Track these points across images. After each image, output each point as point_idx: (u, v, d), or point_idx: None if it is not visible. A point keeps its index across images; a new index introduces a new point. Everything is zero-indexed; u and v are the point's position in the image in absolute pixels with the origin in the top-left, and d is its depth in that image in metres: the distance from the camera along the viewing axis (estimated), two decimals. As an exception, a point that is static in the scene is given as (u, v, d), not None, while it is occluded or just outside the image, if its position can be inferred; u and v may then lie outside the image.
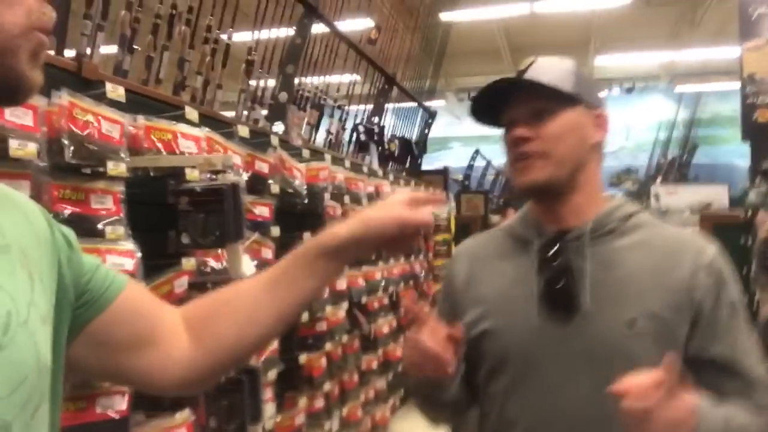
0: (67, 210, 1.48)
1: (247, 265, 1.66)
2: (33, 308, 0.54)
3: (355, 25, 4.54)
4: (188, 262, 1.79)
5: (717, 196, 7.23)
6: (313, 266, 0.77)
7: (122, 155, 1.61)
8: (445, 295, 1.19)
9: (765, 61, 3.35)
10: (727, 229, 3.71)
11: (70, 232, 0.68)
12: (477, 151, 10.12)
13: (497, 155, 11.81)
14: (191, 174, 1.76)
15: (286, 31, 3.27)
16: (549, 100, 1.00)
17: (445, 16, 7.32)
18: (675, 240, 1.03)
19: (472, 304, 1.09)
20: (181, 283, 1.77)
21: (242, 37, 2.97)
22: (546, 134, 1.00)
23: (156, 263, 1.83)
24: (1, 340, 0.49)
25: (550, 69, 1.03)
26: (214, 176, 1.64)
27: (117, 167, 1.55)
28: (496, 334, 1.05)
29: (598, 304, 0.98)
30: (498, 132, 1.11)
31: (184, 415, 1.67)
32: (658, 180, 10.10)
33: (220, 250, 1.79)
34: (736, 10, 3.82)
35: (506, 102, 1.04)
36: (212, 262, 1.93)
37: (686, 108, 12.28)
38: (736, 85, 3.62)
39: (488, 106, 1.07)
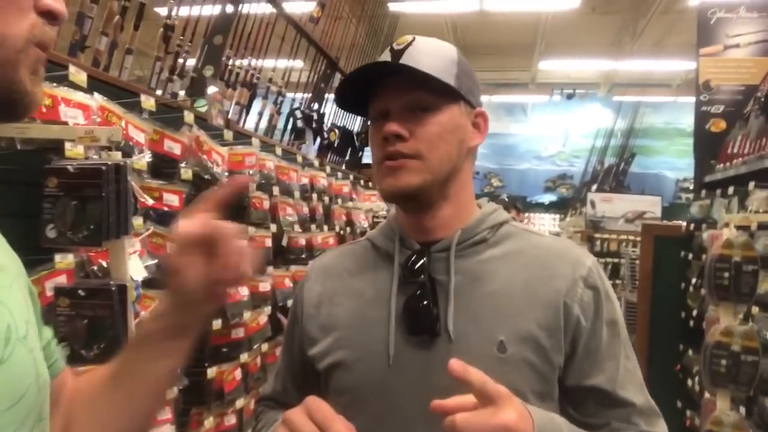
0: None
1: (136, 267, 1.33)
2: (30, 327, 0.56)
3: (297, 7, 4.19)
4: (64, 259, 1.43)
5: (651, 206, 7.33)
6: (154, 349, 0.69)
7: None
8: (293, 321, 1.03)
9: (721, 68, 3.26)
10: (668, 241, 3.65)
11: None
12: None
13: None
14: (72, 150, 1.40)
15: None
16: (428, 92, 0.88)
17: (393, 7, 7.07)
18: (549, 249, 0.93)
19: (323, 331, 0.95)
20: (54, 285, 1.41)
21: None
22: (423, 133, 0.88)
23: (27, 259, 1.48)
24: (2, 354, 0.50)
25: (431, 54, 0.89)
26: (96, 156, 1.29)
27: (-40, 134, 1.19)
28: (349, 366, 0.91)
29: (464, 324, 0.87)
30: None
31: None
32: (594, 187, 10.26)
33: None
34: (679, 21, 3.75)
35: (376, 89, 0.91)
36: (102, 262, 1.58)
37: (623, 117, 12.59)
38: (670, 98, 3.54)
39: (357, 91, 0.93)
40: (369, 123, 0.96)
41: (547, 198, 14.09)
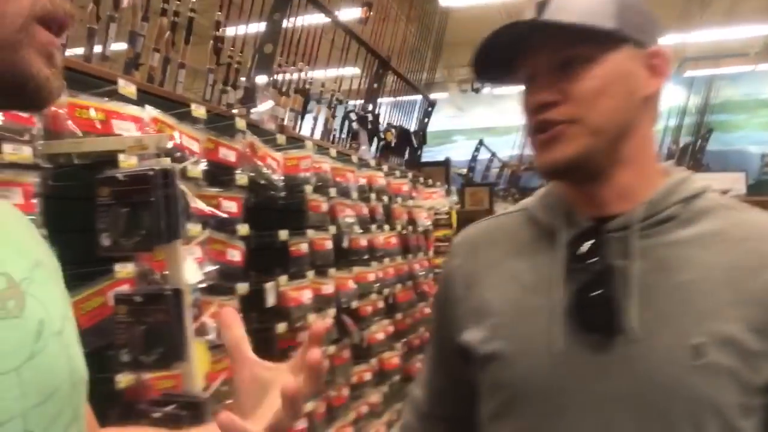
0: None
1: (192, 270, 1.34)
2: (68, 322, 0.54)
3: (346, 14, 4.20)
4: (123, 269, 1.46)
5: (734, 183, 6.87)
6: None
7: (32, 138, 1.30)
8: (440, 305, 0.92)
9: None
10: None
11: None
12: (481, 142, 9.79)
13: (502, 147, 11.51)
14: (125, 162, 1.44)
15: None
16: (581, 42, 0.73)
17: (443, 2, 6.98)
18: (760, 230, 0.74)
19: (474, 318, 0.82)
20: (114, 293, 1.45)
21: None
22: (578, 93, 0.73)
23: (88, 271, 1.53)
24: (33, 348, 0.48)
25: (581, 1, 0.74)
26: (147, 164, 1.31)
27: (19, 152, 1.23)
28: (506, 361, 0.77)
29: (650, 323, 0.71)
30: (504, 123, 0.82)
31: None
32: (671, 169, 9.73)
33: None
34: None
35: (523, 51, 0.76)
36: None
37: (696, 93, 11.92)
38: (749, 68, 3.26)
39: (499, 58, 0.78)
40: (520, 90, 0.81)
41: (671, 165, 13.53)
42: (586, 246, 0.75)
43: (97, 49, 1.98)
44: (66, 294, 0.58)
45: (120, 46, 2.06)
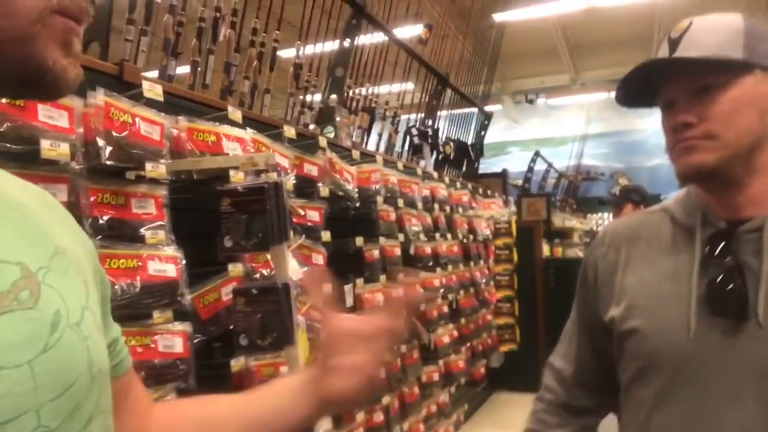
0: (107, 215, 1.42)
1: (294, 268, 1.56)
2: (88, 313, 0.51)
3: (406, 32, 4.43)
4: (235, 268, 1.71)
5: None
6: (298, 398, 0.70)
7: (163, 157, 1.55)
8: (584, 282, 1.04)
9: None
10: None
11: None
12: (537, 153, 9.80)
13: (556, 157, 11.46)
14: (235, 176, 1.68)
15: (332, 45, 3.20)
16: (715, 72, 0.83)
17: (498, 17, 7.13)
18: None
19: (618, 296, 0.94)
20: (229, 291, 1.69)
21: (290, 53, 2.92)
22: (713, 115, 0.83)
23: (202, 271, 1.77)
24: (48, 340, 0.45)
25: (710, 32, 0.85)
26: (256, 176, 1.55)
27: (156, 169, 1.49)
28: (645, 335, 0.90)
29: None
30: (559, 134, 0.95)
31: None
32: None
33: (268, 256, 1.70)
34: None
35: (661, 78, 0.88)
36: (262, 271, 1.85)
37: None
38: None
39: (638, 86, 0.91)
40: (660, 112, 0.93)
41: (683, 194, 13.13)
42: (720, 244, 0.85)
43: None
44: (91, 283, 0.55)
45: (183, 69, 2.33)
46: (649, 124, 13.58)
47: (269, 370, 1.77)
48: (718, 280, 0.84)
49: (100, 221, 1.39)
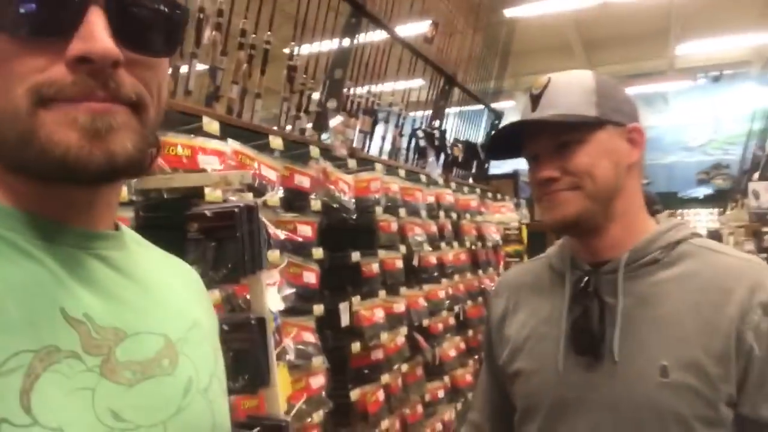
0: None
1: (274, 299, 1.40)
2: (215, 379, 0.58)
3: (411, 29, 4.25)
4: (212, 296, 1.56)
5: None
6: None
7: (129, 176, 1.40)
8: (486, 330, 1.15)
9: None
10: None
11: None
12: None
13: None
14: (211, 194, 1.53)
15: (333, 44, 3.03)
16: (572, 128, 0.92)
17: (509, 12, 6.92)
18: (728, 271, 0.89)
19: (505, 341, 1.05)
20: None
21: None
22: (574, 168, 0.92)
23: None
24: (180, 403, 0.52)
25: (566, 92, 0.94)
26: (230, 198, 1.40)
27: (118, 190, 1.34)
28: (526, 376, 1.00)
29: (629, 347, 0.89)
30: None
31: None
32: (755, 175, 9.16)
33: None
34: None
35: (524, 134, 0.97)
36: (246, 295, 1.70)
37: (784, 94, 11.18)
38: None
39: (506, 141, 1.02)
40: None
41: (702, 191, 12.83)
42: (585, 286, 0.94)
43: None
44: (218, 352, 0.63)
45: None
46: (663, 120, 13.29)
47: (252, 403, 1.63)
48: (580, 318, 0.93)
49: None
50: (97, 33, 0.46)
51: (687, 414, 0.83)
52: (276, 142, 1.95)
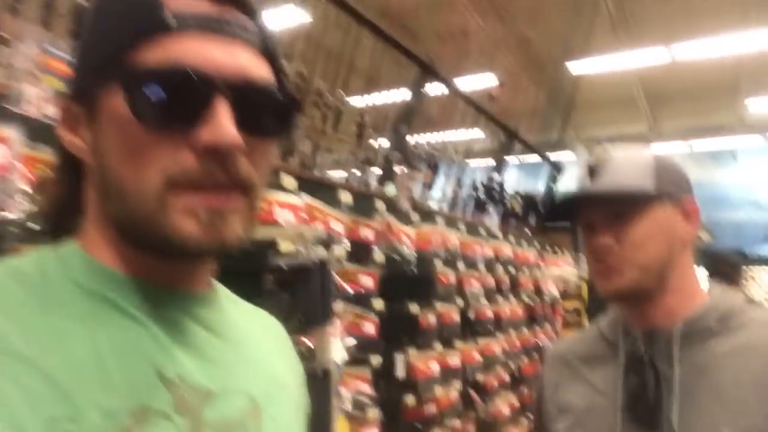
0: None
1: (337, 350, 1.48)
2: None
3: (477, 81, 4.38)
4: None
5: None
6: None
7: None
8: (537, 399, 1.16)
9: None
10: None
11: None
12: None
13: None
14: (284, 245, 1.64)
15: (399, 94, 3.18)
16: (628, 202, 0.95)
17: (573, 68, 6.97)
18: None
19: (560, 412, 1.06)
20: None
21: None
22: (629, 241, 0.94)
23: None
24: None
25: (626, 166, 0.97)
26: (303, 250, 1.50)
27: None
28: None
29: (688, 416, 0.90)
30: None
31: None
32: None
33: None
34: None
35: (581, 203, 1.00)
36: (308, 342, 1.78)
37: None
38: None
39: (563, 207, 1.05)
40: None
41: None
42: (639, 355, 0.95)
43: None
44: (300, 409, 0.64)
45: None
46: (731, 175, 12.83)
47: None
48: (636, 388, 0.94)
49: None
50: (224, 122, 0.49)
51: None
52: (345, 196, 2.06)
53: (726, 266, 3.51)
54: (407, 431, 2.36)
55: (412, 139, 3.31)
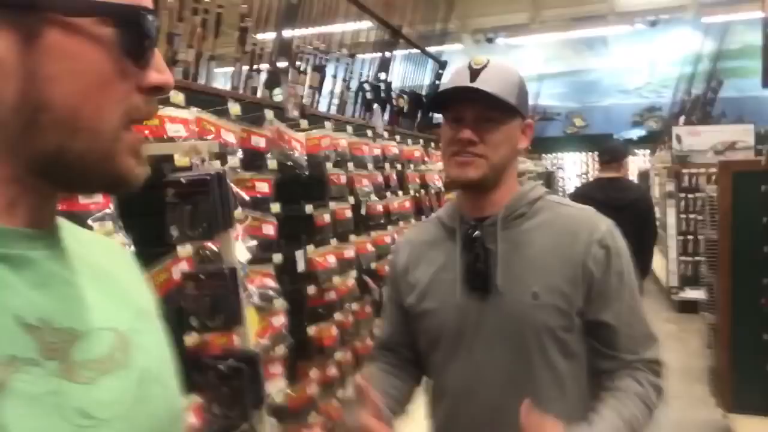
0: (54, 208, 1.46)
1: (241, 251, 1.64)
2: (165, 364, 0.60)
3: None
4: (184, 249, 1.78)
5: (742, 135, 6.96)
6: None
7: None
8: (390, 280, 1.37)
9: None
10: (747, 176, 3.59)
11: None
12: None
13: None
14: (180, 160, 1.73)
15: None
16: (496, 108, 1.13)
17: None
18: (573, 219, 1.19)
19: (411, 288, 1.27)
20: (179, 270, 1.77)
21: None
22: (490, 141, 1.13)
23: (154, 251, 1.84)
24: (136, 394, 0.53)
25: (500, 78, 1.14)
26: (199, 163, 1.60)
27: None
28: (431, 314, 1.22)
29: (508, 281, 1.15)
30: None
31: (192, 399, 1.70)
32: (681, 119, 9.73)
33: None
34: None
35: (456, 99, 1.15)
36: (212, 246, 1.92)
37: (713, 40, 11.71)
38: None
39: (443, 99, 1.20)
40: (442, 120, 1.21)
41: (635, 133, 13.42)
42: (472, 237, 1.18)
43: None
44: (163, 333, 0.63)
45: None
46: (603, 63, 13.71)
47: (224, 339, 1.88)
48: (471, 263, 1.17)
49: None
50: (165, 65, 0.54)
51: (552, 324, 1.13)
52: (235, 108, 2.13)
53: (615, 151, 4.02)
54: (311, 316, 2.62)
55: (296, 37, 3.31)
